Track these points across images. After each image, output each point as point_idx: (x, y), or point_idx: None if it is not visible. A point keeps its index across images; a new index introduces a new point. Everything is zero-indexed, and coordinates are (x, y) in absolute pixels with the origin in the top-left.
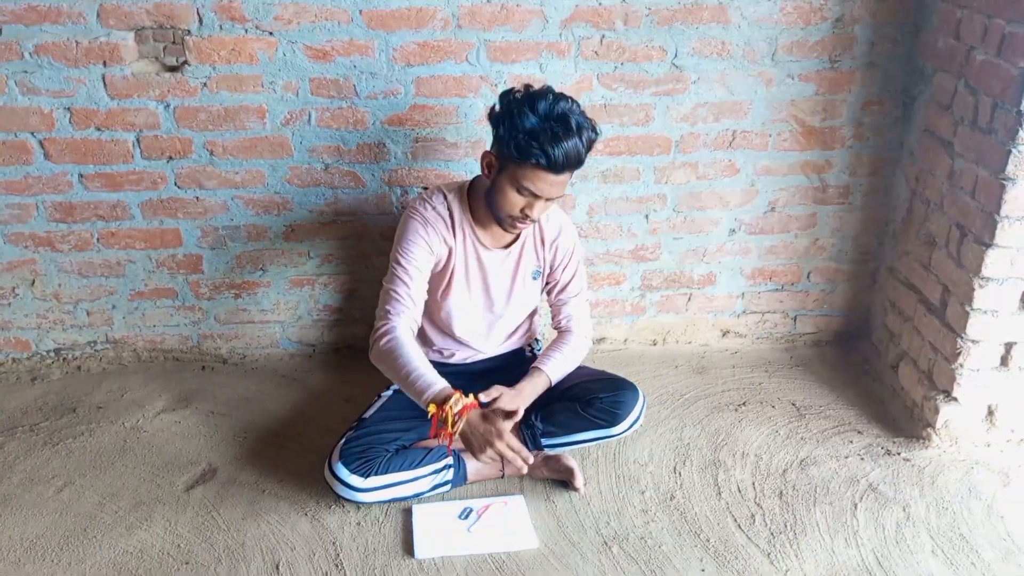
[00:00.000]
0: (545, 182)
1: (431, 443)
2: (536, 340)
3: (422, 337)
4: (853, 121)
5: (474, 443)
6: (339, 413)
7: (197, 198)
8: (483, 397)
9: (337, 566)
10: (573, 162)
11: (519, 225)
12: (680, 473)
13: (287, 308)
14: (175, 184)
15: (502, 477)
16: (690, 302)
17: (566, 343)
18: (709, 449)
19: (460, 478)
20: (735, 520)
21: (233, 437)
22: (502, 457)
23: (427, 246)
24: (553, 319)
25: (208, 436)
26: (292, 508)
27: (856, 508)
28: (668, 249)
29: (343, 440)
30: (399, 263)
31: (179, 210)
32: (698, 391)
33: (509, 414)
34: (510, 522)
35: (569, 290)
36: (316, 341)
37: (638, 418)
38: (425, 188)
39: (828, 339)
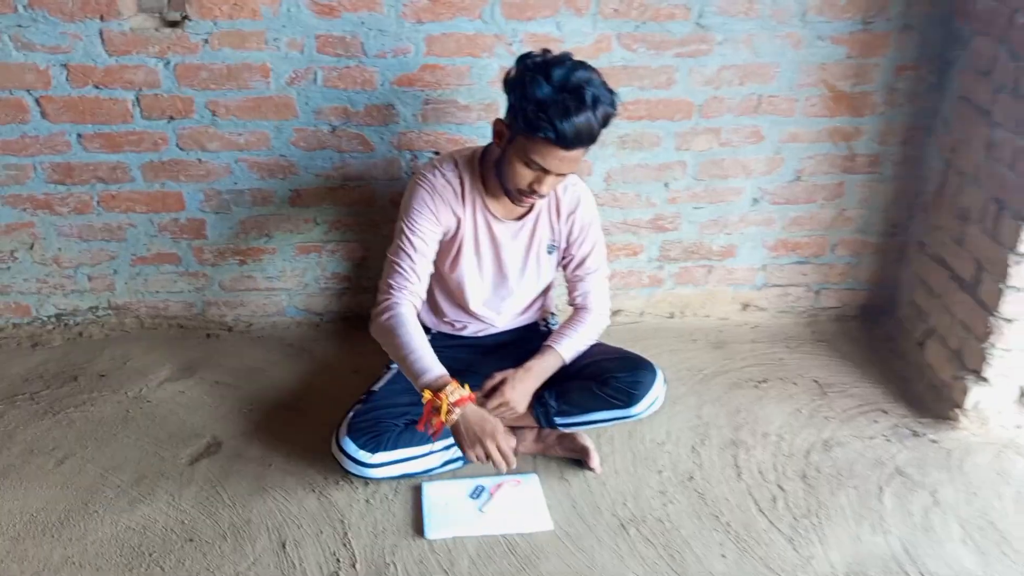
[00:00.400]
0: (555, 157)
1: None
2: (552, 314)
3: (434, 308)
4: (885, 86)
5: (465, 438)
6: (347, 385)
7: (199, 160)
8: (485, 384)
9: (345, 545)
10: (585, 138)
11: (527, 200)
12: (699, 453)
13: (293, 276)
14: (176, 145)
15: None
16: (710, 274)
17: (582, 321)
18: (729, 428)
19: None
20: (756, 503)
21: (239, 409)
22: (488, 457)
23: (434, 217)
24: (569, 295)
25: (213, 407)
26: (299, 484)
27: (882, 492)
28: (688, 219)
29: (351, 414)
30: (404, 234)
31: (181, 172)
32: (717, 367)
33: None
34: (524, 502)
35: (586, 266)
36: (323, 310)
37: (656, 399)
38: (436, 153)
39: (852, 314)
